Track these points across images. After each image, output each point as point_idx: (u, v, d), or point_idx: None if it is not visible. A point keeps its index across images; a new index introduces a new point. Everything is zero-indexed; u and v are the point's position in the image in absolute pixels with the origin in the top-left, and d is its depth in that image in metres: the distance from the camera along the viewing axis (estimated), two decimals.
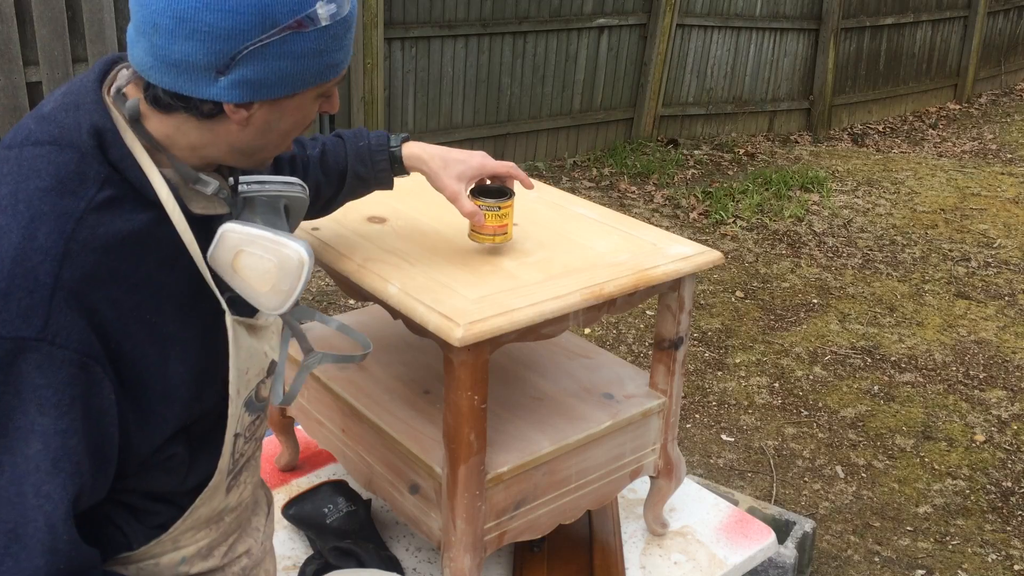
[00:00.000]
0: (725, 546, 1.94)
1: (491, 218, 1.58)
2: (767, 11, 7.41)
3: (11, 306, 0.93)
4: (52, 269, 0.95)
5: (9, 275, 0.94)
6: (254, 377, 1.20)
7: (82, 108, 1.04)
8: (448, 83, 5.99)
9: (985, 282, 4.99)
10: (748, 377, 3.93)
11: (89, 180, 1.01)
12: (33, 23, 4.17)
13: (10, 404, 0.94)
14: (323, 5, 1.03)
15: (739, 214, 5.80)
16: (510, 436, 1.62)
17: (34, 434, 0.95)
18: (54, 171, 1.00)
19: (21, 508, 0.96)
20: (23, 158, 1.01)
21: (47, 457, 0.96)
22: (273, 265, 1.08)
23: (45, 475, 0.97)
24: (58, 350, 0.95)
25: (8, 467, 0.95)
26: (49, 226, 0.97)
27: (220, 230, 1.09)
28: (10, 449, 0.95)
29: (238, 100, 1.03)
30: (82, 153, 1.02)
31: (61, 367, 0.95)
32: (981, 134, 8.29)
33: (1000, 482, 3.28)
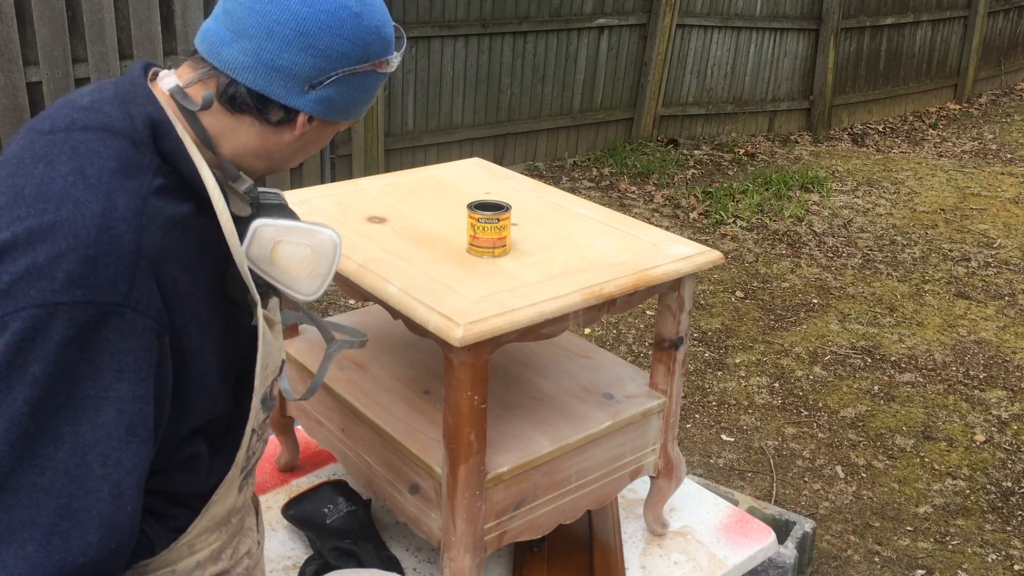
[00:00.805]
0: (725, 546, 1.94)
1: (489, 231, 1.59)
2: (767, 11, 7.41)
3: (99, 272, 0.94)
4: (135, 237, 0.98)
5: (96, 242, 0.95)
6: (271, 374, 1.22)
7: (134, 101, 1.08)
8: (448, 83, 5.99)
9: (985, 282, 4.99)
10: (748, 377, 3.93)
11: (145, 166, 1.04)
12: (33, 23, 4.17)
13: (83, 372, 0.94)
14: (396, 55, 1.19)
15: (739, 214, 5.80)
16: (510, 436, 1.62)
17: (107, 401, 0.96)
18: (115, 154, 1.02)
19: (80, 480, 0.95)
20: (76, 141, 1.03)
21: (122, 424, 0.97)
22: (310, 250, 1.15)
23: (117, 443, 0.97)
24: (141, 317, 0.97)
25: (70, 438, 0.94)
26: (126, 199, 0.99)
27: (253, 226, 1.15)
28: (75, 419, 0.94)
29: (315, 114, 1.13)
30: (135, 142, 1.05)
31: (143, 334, 0.97)
32: (981, 134, 8.29)
33: (1000, 482, 3.28)
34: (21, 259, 0.94)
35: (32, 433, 0.93)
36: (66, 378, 0.93)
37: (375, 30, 1.13)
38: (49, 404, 0.93)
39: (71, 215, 0.96)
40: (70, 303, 0.93)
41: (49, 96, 4.29)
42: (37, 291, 0.93)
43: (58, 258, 0.93)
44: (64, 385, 0.93)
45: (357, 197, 1.88)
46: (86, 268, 0.94)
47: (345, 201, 1.86)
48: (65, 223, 0.95)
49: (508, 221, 1.60)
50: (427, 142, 5.99)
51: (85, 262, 0.94)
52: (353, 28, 1.10)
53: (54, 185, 0.98)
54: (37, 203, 0.97)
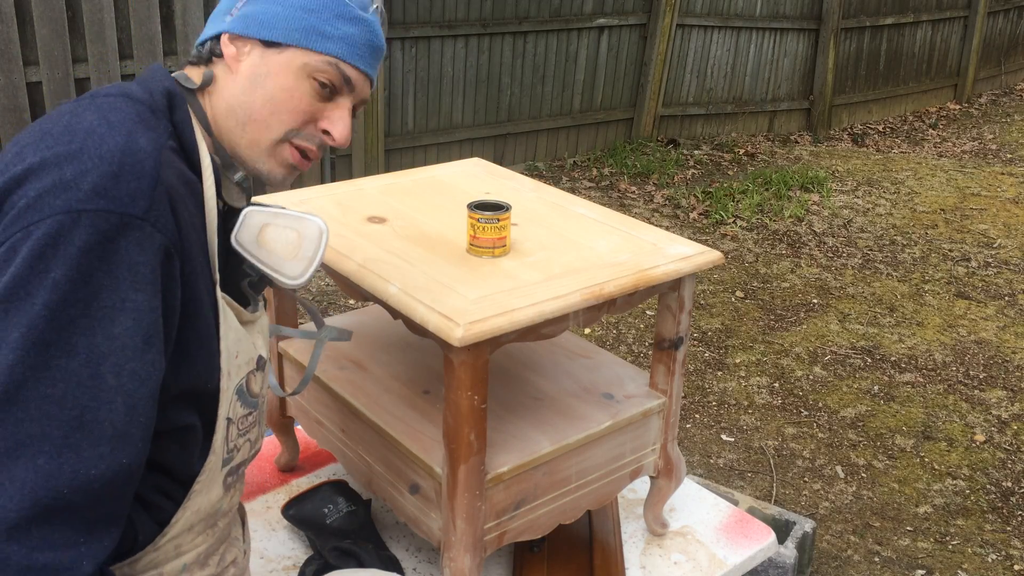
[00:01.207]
0: (725, 546, 1.94)
1: (489, 231, 1.59)
2: (767, 11, 7.41)
3: (121, 186, 0.99)
4: (155, 165, 1.03)
5: (120, 161, 1.00)
6: (243, 364, 1.22)
7: (152, 79, 1.16)
8: (448, 83, 5.99)
9: (985, 282, 4.99)
10: (748, 377, 3.93)
11: (161, 128, 1.10)
12: (33, 23, 4.17)
13: (100, 282, 0.96)
14: None
15: (739, 214, 5.80)
16: (510, 436, 1.62)
17: (124, 311, 0.98)
18: (135, 112, 1.08)
19: (94, 392, 0.96)
20: (98, 102, 1.09)
21: (138, 333, 0.99)
22: (296, 235, 1.19)
23: (132, 353, 0.99)
24: (158, 233, 1.00)
25: (83, 349, 0.96)
26: (147, 139, 1.05)
27: (244, 212, 1.19)
28: (90, 330, 0.96)
29: (231, 29, 1.17)
30: (152, 109, 1.11)
31: (159, 250, 1.01)
32: (981, 134, 8.29)
33: (1000, 482, 3.28)
34: (47, 176, 0.98)
35: (48, 341, 0.94)
36: (85, 285, 0.96)
37: None
38: (67, 311, 0.95)
39: (96, 144, 1.01)
40: (93, 210, 0.96)
41: (49, 96, 4.29)
42: (63, 200, 0.96)
43: (84, 173, 0.98)
44: (83, 292, 0.95)
45: (357, 197, 1.88)
46: (110, 181, 0.98)
47: (345, 201, 1.86)
48: (90, 148, 1.01)
49: (508, 221, 1.60)
50: (427, 142, 5.99)
51: (110, 176, 0.99)
52: None
53: (80, 125, 1.04)
54: (64, 136, 1.02)
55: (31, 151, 1.02)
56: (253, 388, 1.26)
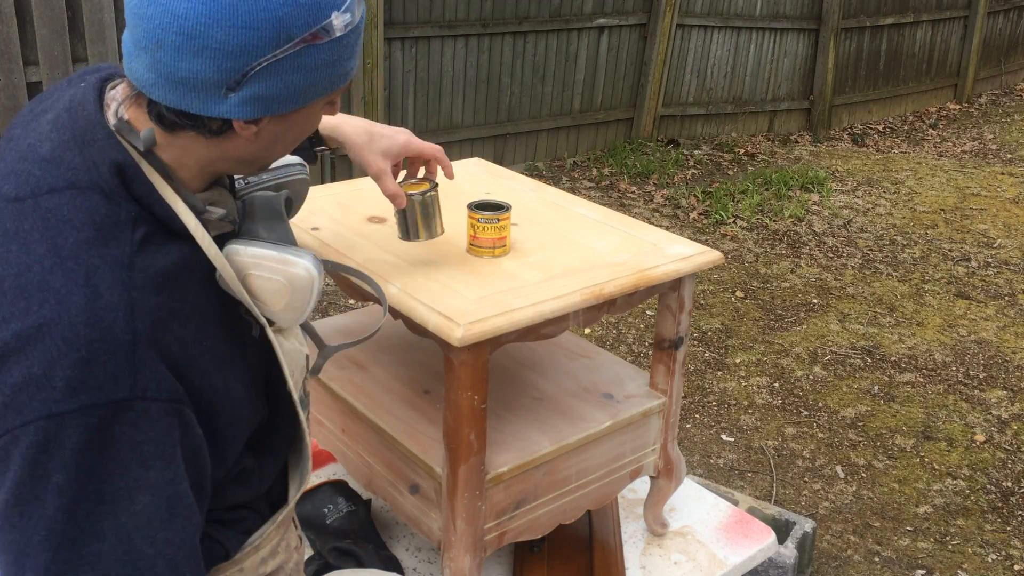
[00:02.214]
0: (725, 546, 1.94)
1: (489, 231, 1.59)
2: (767, 11, 7.41)
3: (97, 372, 0.90)
4: (127, 324, 0.92)
5: (87, 340, 0.90)
6: (299, 376, 1.22)
7: (93, 145, 0.99)
8: (448, 83, 5.99)
9: (985, 282, 4.99)
10: (748, 377, 3.93)
11: (123, 221, 0.97)
12: (33, 23, 4.17)
13: (108, 468, 0.91)
14: (338, 15, 0.98)
15: (739, 214, 5.80)
16: (510, 436, 1.62)
17: (139, 490, 0.93)
18: (87, 218, 0.95)
19: (135, 563, 0.93)
20: (45, 210, 0.95)
21: (160, 506, 0.95)
22: (283, 285, 1.06)
23: (159, 524, 0.95)
24: (152, 404, 0.93)
25: (111, 531, 0.92)
26: (108, 279, 0.93)
27: (225, 251, 1.06)
28: (112, 513, 0.92)
29: (248, 117, 0.99)
30: (106, 194, 0.97)
31: (158, 419, 0.94)
32: (981, 134, 8.29)
33: (1000, 482, 3.28)
34: (16, 369, 0.90)
35: (72, 536, 0.91)
36: (92, 479, 0.91)
37: (284, 2, 0.94)
38: (81, 507, 0.91)
39: (55, 313, 0.90)
40: (77, 409, 0.89)
41: None
42: (40, 403, 0.89)
43: (52, 365, 0.89)
44: (92, 486, 0.91)
45: (357, 197, 1.88)
46: (83, 371, 0.89)
47: (345, 201, 1.86)
48: (51, 324, 0.90)
49: (508, 221, 1.61)
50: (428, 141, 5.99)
51: (81, 365, 0.89)
52: (248, 11, 0.92)
53: (31, 274, 0.92)
54: (19, 301, 0.92)
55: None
56: (307, 389, 1.28)
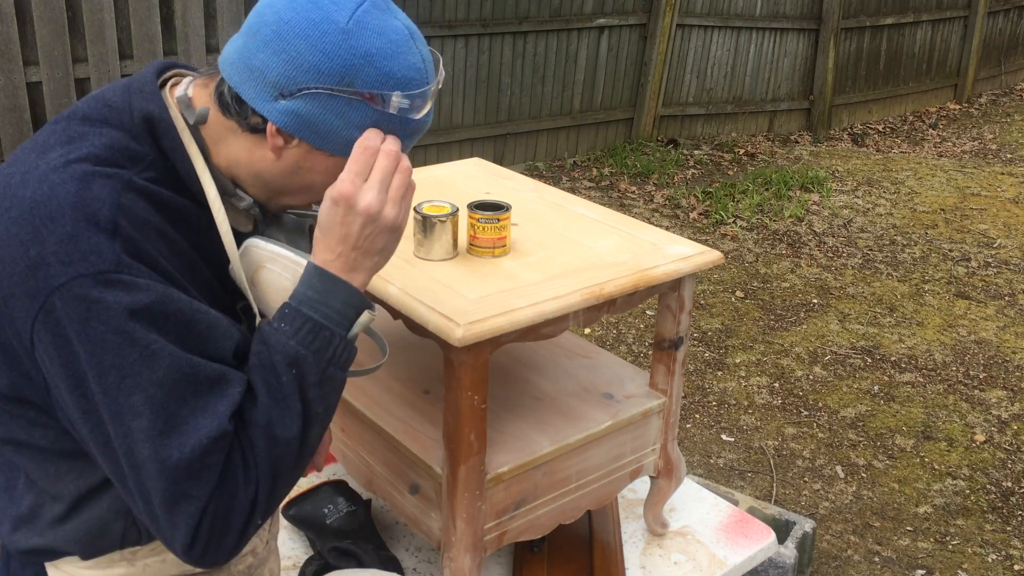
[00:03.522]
0: (725, 546, 1.94)
1: (489, 231, 1.59)
2: (767, 11, 7.41)
3: (81, 245, 0.96)
4: (111, 215, 0.99)
5: (72, 219, 0.97)
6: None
7: (136, 93, 1.09)
8: (448, 83, 5.99)
9: (985, 282, 4.99)
10: (748, 377, 3.93)
11: (138, 156, 1.06)
12: (33, 23, 4.17)
13: (113, 338, 0.96)
14: (399, 96, 1.06)
15: (739, 214, 5.80)
16: (510, 436, 1.62)
17: (153, 356, 0.98)
18: (106, 142, 1.04)
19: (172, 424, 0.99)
20: (71, 129, 1.06)
21: (181, 366, 1.00)
22: (290, 283, 1.11)
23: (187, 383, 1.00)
24: (136, 279, 0.98)
25: (142, 405, 0.98)
26: (103, 181, 1.01)
27: (245, 243, 1.13)
28: (136, 386, 0.98)
29: (282, 126, 1.06)
30: (133, 135, 1.06)
31: (147, 287, 0.98)
32: (981, 134, 8.29)
33: (1000, 482, 3.28)
34: (19, 258, 0.97)
35: (118, 412, 0.98)
36: (107, 351, 0.96)
37: (366, 56, 1.04)
38: (110, 380, 0.97)
39: (45, 196, 0.98)
40: (70, 280, 0.95)
41: (49, 96, 4.29)
42: (43, 281, 0.96)
43: (44, 244, 0.96)
44: (110, 359, 0.96)
45: None
46: (69, 245, 0.96)
47: None
48: (40, 203, 0.98)
49: (508, 221, 1.61)
50: (427, 142, 5.99)
51: (66, 240, 0.96)
52: (335, 43, 1.03)
53: (37, 171, 1.01)
54: (20, 189, 1.00)
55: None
56: None
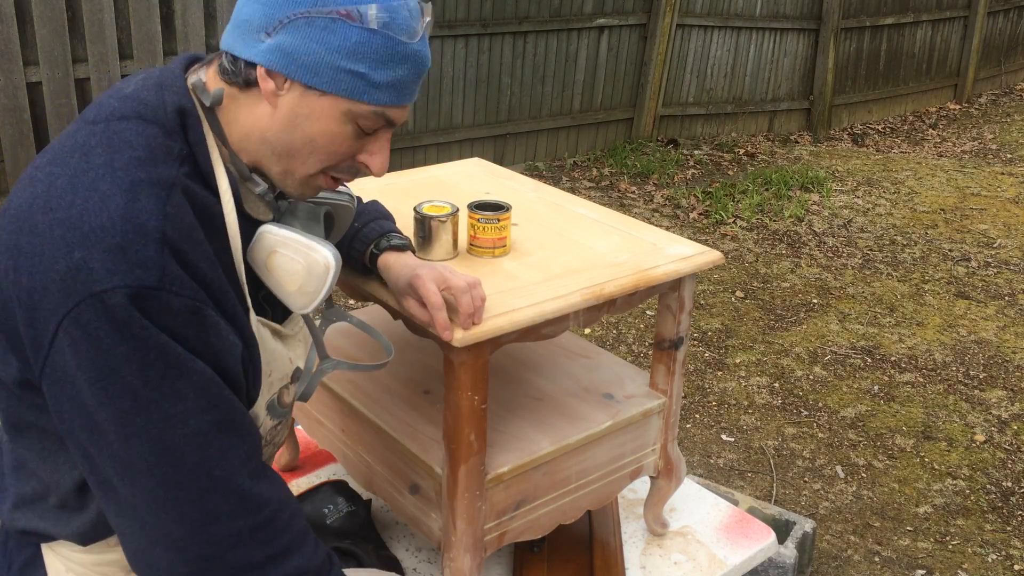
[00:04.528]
0: (725, 546, 1.94)
1: (489, 231, 1.59)
2: (767, 11, 7.41)
3: (130, 258, 0.98)
4: (159, 225, 1.01)
5: (122, 231, 0.99)
6: (277, 381, 1.22)
7: (168, 89, 1.11)
8: (448, 83, 5.99)
9: (985, 282, 4.99)
10: (748, 377, 3.93)
11: (174, 154, 1.08)
12: (33, 23, 4.17)
13: (157, 340, 1.00)
14: (377, 9, 1.06)
15: (739, 214, 5.80)
16: (510, 436, 1.62)
17: (190, 368, 1.03)
18: (145, 142, 1.06)
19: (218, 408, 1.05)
20: (111, 131, 1.07)
21: (210, 386, 1.05)
22: (302, 267, 1.13)
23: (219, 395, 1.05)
24: (175, 297, 1.00)
25: (188, 389, 1.02)
26: (149, 190, 1.02)
27: (259, 230, 1.16)
28: (181, 375, 1.01)
29: (269, 65, 1.07)
30: (167, 130, 1.08)
31: (181, 312, 1.01)
32: (981, 134, 8.29)
33: (1000, 482, 3.28)
34: (62, 259, 0.99)
35: (157, 399, 1.00)
36: (152, 348, 0.99)
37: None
38: (153, 372, 1.00)
39: (97, 207, 1.00)
40: (112, 289, 0.97)
41: (49, 96, 4.29)
42: (83, 284, 0.97)
43: (91, 250, 0.98)
44: (154, 355, 0.99)
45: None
46: (118, 256, 0.98)
47: None
48: (92, 214, 0.99)
49: (508, 221, 1.61)
50: (427, 142, 5.99)
51: (116, 251, 0.98)
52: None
53: (85, 178, 1.02)
54: (67, 195, 1.01)
55: (38, 209, 1.02)
56: (285, 400, 1.27)
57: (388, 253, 1.43)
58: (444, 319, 1.33)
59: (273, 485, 1.11)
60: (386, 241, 1.44)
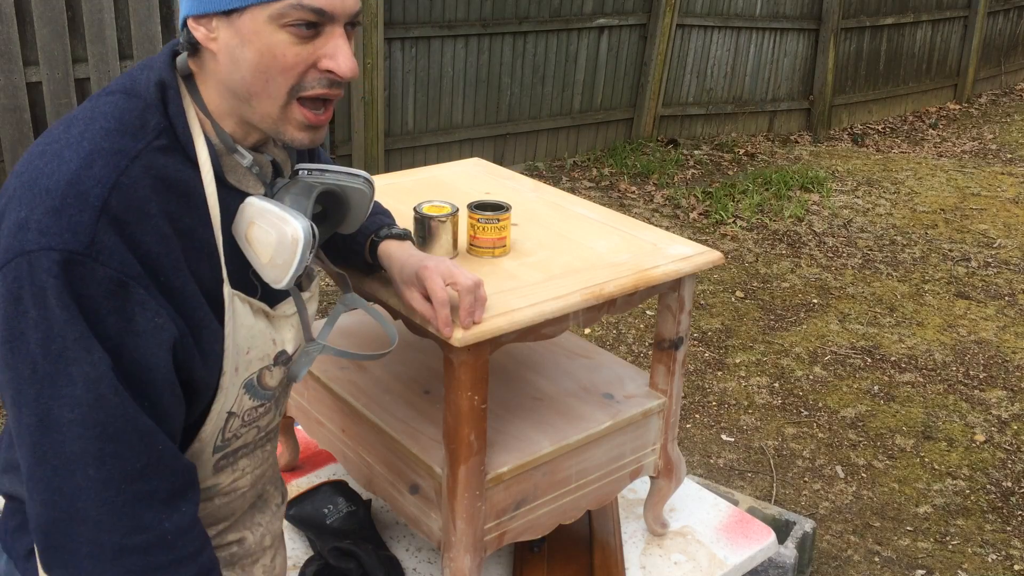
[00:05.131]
0: (725, 546, 1.94)
1: (489, 231, 1.59)
2: (767, 11, 7.41)
3: (62, 221, 0.99)
4: (101, 194, 1.01)
5: (63, 195, 1.00)
6: (255, 360, 1.20)
7: (152, 67, 1.13)
8: (448, 83, 5.99)
9: (985, 282, 4.99)
10: (748, 377, 3.93)
11: (149, 127, 1.08)
12: (33, 23, 4.17)
13: (65, 314, 0.99)
14: None
15: (739, 214, 5.80)
16: (510, 436, 1.62)
17: (94, 346, 1.01)
18: (119, 115, 1.07)
19: (105, 409, 1.02)
20: (96, 104, 1.10)
21: (110, 371, 1.03)
22: (273, 239, 1.12)
23: (113, 389, 1.03)
24: (100, 267, 1.00)
25: (79, 377, 1.00)
26: (105, 159, 1.03)
27: (243, 203, 1.15)
28: (76, 359, 1.00)
29: (190, 12, 1.09)
30: (146, 103, 1.09)
31: (103, 284, 1.00)
32: (981, 134, 8.29)
33: (1000, 482, 3.28)
34: (12, 215, 1.01)
35: (52, 374, 1.00)
36: (56, 322, 0.99)
37: None
38: (53, 345, 0.99)
39: (50, 170, 1.02)
40: (39, 250, 0.98)
41: (49, 96, 4.29)
42: (19, 242, 0.99)
43: (32, 210, 1.00)
44: (57, 329, 0.99)
45: None
46: (52, 218, 0.99)
47: None
48: (43, 176, 1.02)
49: (508, 221, 1.61)
50: (427, 142, 5.99)
51: (52, 212, 0.99)
52: None
53: (56, 146, 1.05)
54: (35, 160, 1.04)
55: (14, 177, 1.05)
56: (267, 382, 1.24)
57: (389, 242, 1.42)
58: (447, 316, 1.32)
59: (168, 517, 1.07)
60: (387, 230, 1.43)
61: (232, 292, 1.15)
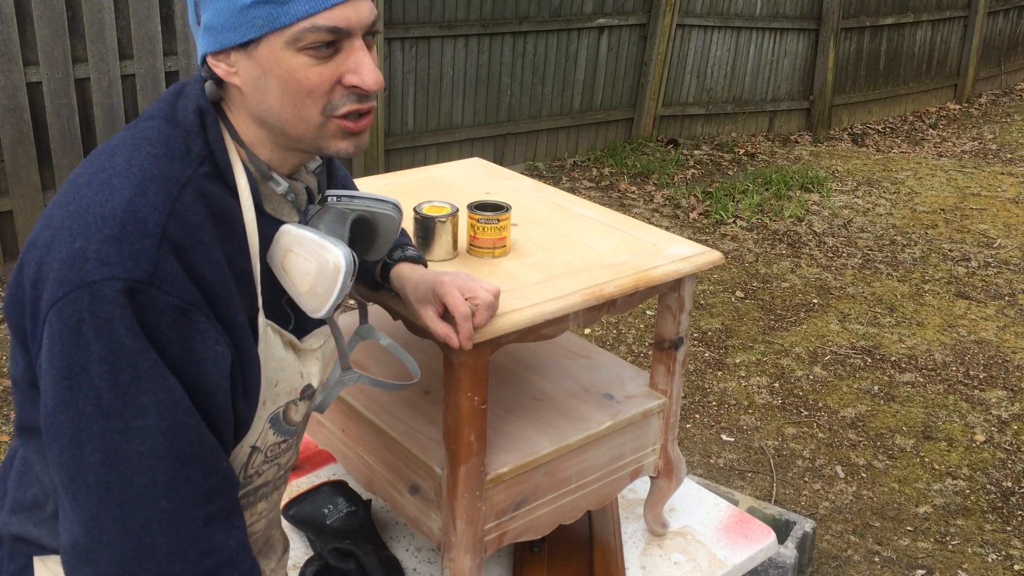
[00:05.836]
0: (725, 546, 1.94)
1: (489, 231, 1.59)
2: (767, 11, 7.41)
3: (124, 250, 0.98)
4: (160, 221, 1.00)
5: (121, 223, 0.99)
6: (283, 393, 1.18)
7: (188, 95, 1.12)
8: (448, 83, 5.99)
9: (985, 282, 4.99)
10: (748, 377, 3.93)
11: (193, 154, 1.08)
12: (33, 23, 4.17)
13: (134, 344, 0.97)
14: None
15: (739, 214, 5.80)
16: (510, 436, 1.62)
17: (166, 373, 1.00)
18: (164, 140, 1.07)
19: (181, 435, 1.01)
20: (137, 131, 1.09)
21: (183, 396, 1.02)
22: (313, 267, 1.11)
23: (188, 413, 1.02)
24: (164, 295, 0.98)
25: (152, 406, 0.99)
26: (158, 186, 1.02)
27: (279, 230, 1.14)
28: (149, 389, 0.98)
29: (209, 48, 1.08)
30: (187, 131, 1.09)
31: (167, 312, 0.99)
32: (981, 134, 8.29)
33: (1000, 482, 3.28)
34: (64, 247, 0.99)
35: (120, 408, 0.97)
36: (124, 352, 0.97)
37: None
38: (121, 377, 0.97)
39: (103, 199, 1.00)
40: (102, 280, 0.96)
41: (49, 96, 4.29)
42: (76, 273, 0.97)
43: (89, 240, 0.98)
44: (126, 359, 0.97)
45: None
46: (112, 247, 0.97)
47: None
48: (96, 205, 1.00)
49: (508, 221, 1.61)
50: (427, 142, 5.99)
51: (111, 241, 0.97)
52: None
53: (103, 174, 1.03)
54: (83, 190, 1.02)
55: (56, 206, 1.03)
56: (292, 417, 1.23)
57: (402, 264, 1.40)
58: (469, 329, 1.31)
59: (231, 535, 1.06)
60: (400, 252, 1.41)
61: (266, 322, 1.13)
